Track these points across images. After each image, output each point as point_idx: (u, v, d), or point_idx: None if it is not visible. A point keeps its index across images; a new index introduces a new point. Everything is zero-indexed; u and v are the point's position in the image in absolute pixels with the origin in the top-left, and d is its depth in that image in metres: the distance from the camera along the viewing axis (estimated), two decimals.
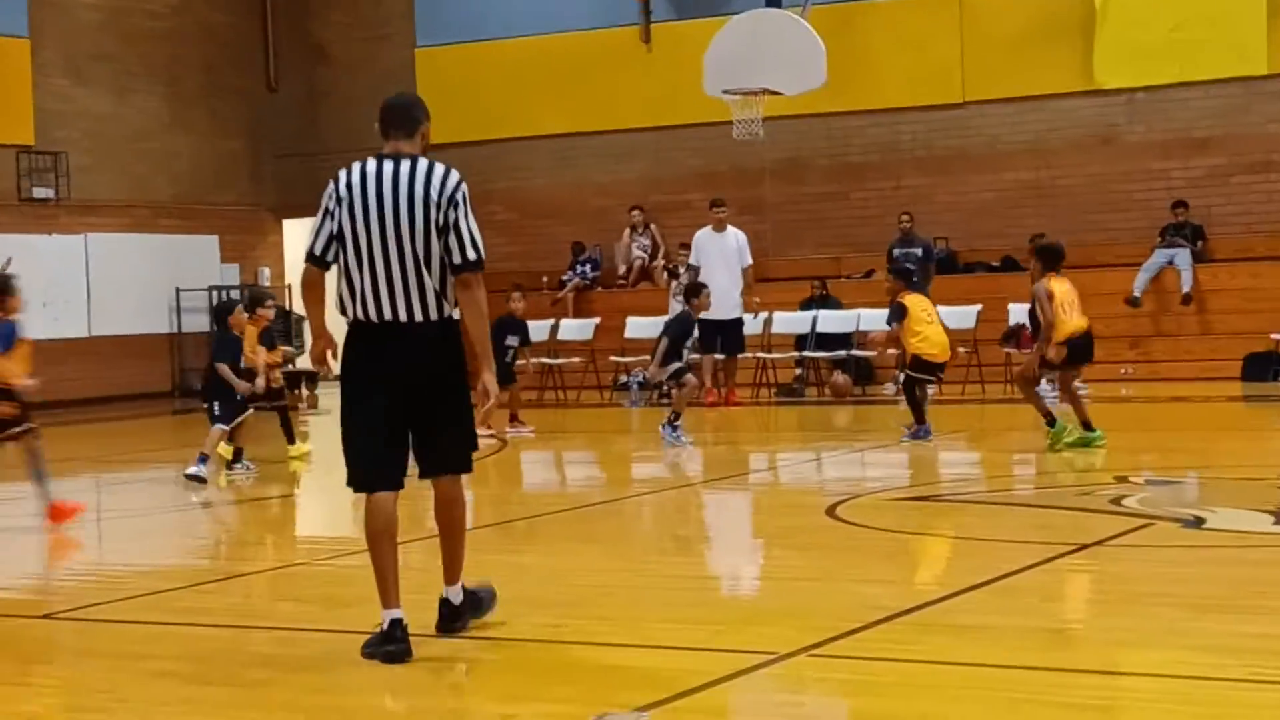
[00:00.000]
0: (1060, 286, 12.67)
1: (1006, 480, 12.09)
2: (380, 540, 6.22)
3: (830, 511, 9.90)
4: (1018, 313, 19.60)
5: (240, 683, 6.09)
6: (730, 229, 19.25)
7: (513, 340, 16.32)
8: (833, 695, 5.74)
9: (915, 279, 15.31)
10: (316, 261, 6.26)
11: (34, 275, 22.36)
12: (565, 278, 23.30)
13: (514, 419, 16.25)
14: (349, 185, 6.22)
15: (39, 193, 22.87)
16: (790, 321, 20.65)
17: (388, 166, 6.21)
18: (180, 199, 24.85)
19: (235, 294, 24.73)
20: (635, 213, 23.18)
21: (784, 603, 7.25)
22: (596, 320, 21.81)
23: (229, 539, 10.56)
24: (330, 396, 23.61)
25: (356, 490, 6.30)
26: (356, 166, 6.25)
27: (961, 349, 19.45)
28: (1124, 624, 6.52)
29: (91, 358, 23.07)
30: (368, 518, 6.25)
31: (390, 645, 6.16)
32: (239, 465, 13.37)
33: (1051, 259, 12.80)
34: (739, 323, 18.95)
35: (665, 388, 16.30)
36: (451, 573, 6.49)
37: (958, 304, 19.83)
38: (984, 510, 10.32)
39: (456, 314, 6.31)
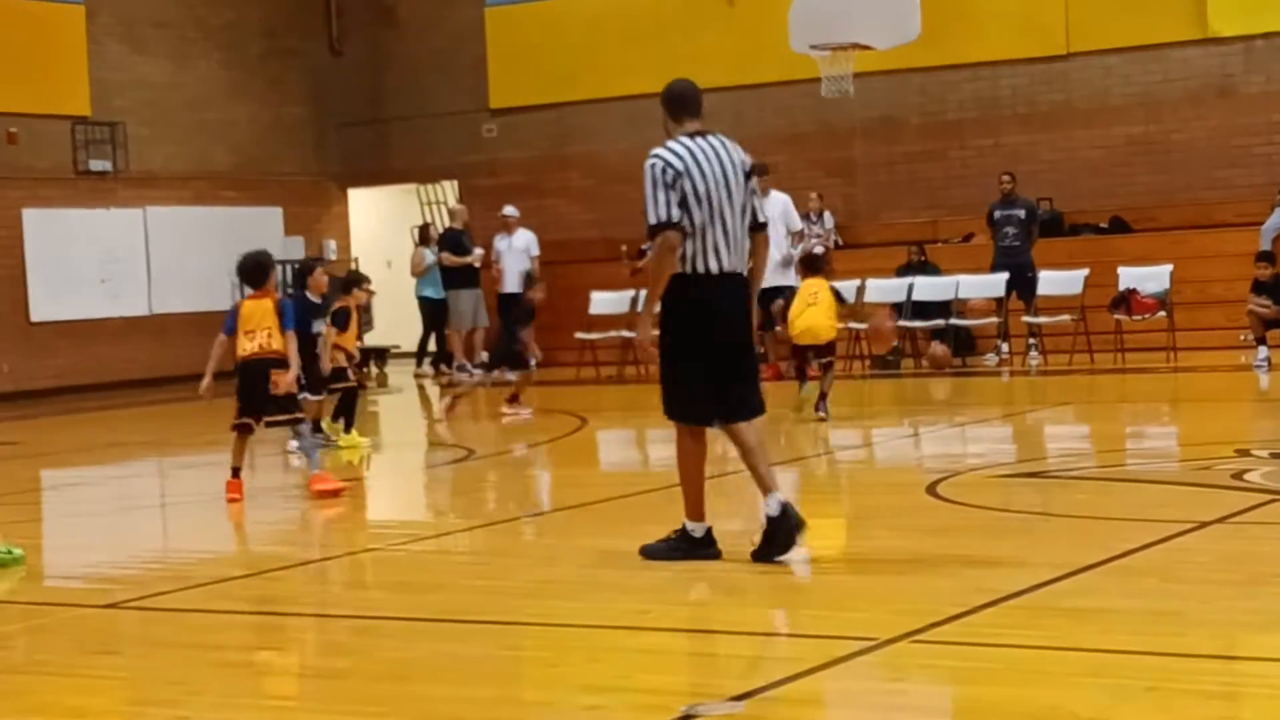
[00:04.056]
0: None
1: (1119, 454, 11.97)
2: (704, 464, 7.67)
3: (931, 490, 9.86)
4: (1127, 277, 19.46)
5: (317, 673, 6.15)
6: (773, 193, 18.74)
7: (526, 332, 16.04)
8: (938, 683, 5.70)
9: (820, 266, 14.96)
10: (677, 226, 7.48)
11: (92, 251, 22.79)
12: (645, 247, 23.17)
13: (514, 399, 16.05)
14: (683, 160, 7.47)
15: (96, 165, 23.11)
16: (885, 289, 20.50)
17: (704, 142, 7.56)
18: (241, 170, 25.04)
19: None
20: None
21: (883, 586, 7.22)
22: None
23: (295, 525, 10.64)
24: (401, 375, 23.78)
25: (687, 423, 7.63)
26: (678, 145, 7.51)
27: (1068, 316, 19.34)
28: (1248, 605, 6.45)
29: (152, 336, 23.32)
30: (694, 445, 7.65)
31: (712, 548, 7.63)
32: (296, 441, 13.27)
33: None
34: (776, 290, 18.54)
35: None
36: (768, 483, 7.57)
37: (1063, 268, 19.68)
38: (1096, 486, 10.24)
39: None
